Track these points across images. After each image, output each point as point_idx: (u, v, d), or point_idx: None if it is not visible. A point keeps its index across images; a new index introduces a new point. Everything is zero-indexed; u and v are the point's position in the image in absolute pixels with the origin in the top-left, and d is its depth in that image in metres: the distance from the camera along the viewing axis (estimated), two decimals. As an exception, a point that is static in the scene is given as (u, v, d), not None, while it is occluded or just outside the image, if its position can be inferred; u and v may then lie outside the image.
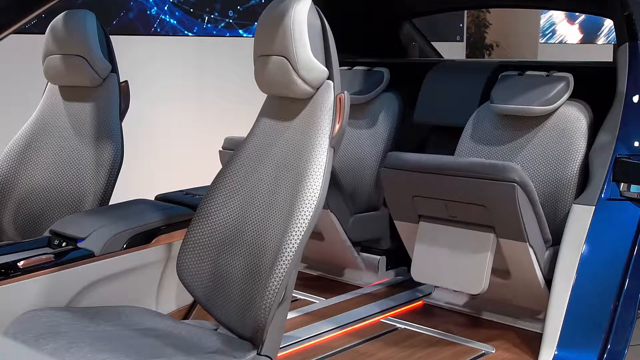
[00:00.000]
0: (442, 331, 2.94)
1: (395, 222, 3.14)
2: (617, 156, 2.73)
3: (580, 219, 2.69)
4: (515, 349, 2.79)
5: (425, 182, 2.88)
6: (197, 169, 5.18)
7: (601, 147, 2.80)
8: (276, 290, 1.81)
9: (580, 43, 10.51)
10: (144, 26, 4.97)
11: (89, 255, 2.17)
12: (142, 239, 2.29)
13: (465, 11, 7.77)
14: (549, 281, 2.73)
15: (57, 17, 2.72)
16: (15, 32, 1.57)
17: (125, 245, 2.25)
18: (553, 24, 10.14)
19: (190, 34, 5.26)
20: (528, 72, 3.22)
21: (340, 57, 2.05)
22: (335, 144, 1.93)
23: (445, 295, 3.22)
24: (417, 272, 3.01)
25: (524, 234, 2.71)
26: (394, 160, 2.98)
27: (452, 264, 2.90)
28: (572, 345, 2.58)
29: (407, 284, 3.42)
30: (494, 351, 2.77)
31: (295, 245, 1.81)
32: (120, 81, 2.79)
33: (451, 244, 2.90)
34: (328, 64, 1.98)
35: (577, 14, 9.61)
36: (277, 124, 2.09)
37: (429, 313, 3.15)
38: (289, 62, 1.94)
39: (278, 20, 1.97)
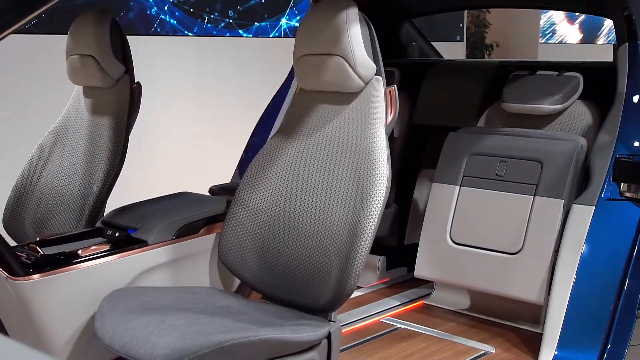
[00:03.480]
0: (442, 331, 2.94)
1: (434, 184, 3.16)
2: (617, 156, 2.73)
3: (580, 219, 2.69)
4: (515, 349, 2.79)
5: (488, 142, 3.08)
6: (196, 169, 5.18)
7: (601, 147, 2.80)
8: (360, 264, 2.05)
9: (580, 43, 10.51)
10: (144, 26, 4.97)
11: (143, 244, 2.30)
12: (190, 229, 2.42)
13: (465, 11, 7.77)
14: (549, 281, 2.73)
15: (77, 18, 2.74)
16: (15, 32, 1.57)
17: (175, 235, 2.37)
18: (553, 24, 10.14)
19: (190, 34, 5.26)
20: (539, 72, 3.27)
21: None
22: (388, 132, 2.20)
23: (445, 295, 3.22)
24: (455, 235, 3.05)
25: (564, 190, 2.82)
26: (465, 129, 3.24)
27: (491, 225, 2.97)
28: (572, 345, 2.57)
29: (407, 284, 3.42)
30: (494, 351, 2.77)
31: (374, 223, 2.07)
32: (134, 83, 2.78)
33: (490, 207, 2.99)
34: (376, 60, 2.25)
35: (577, 14, 9.61)
36: (317, 115, 2.33)
37: (429, 313, 3.15)
38: (347, 61, 2.20)
39: (330, 23, 2.20)
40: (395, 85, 2.25)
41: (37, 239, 2.36)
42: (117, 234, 2.36)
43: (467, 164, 3.09)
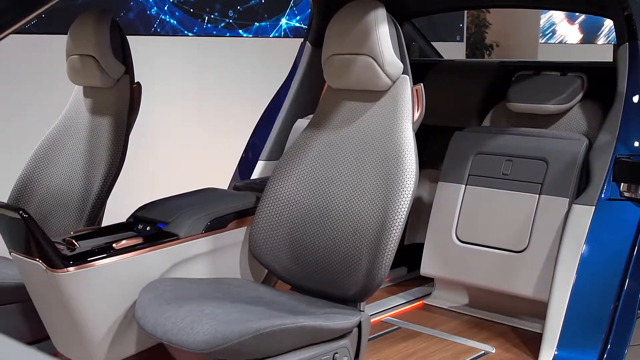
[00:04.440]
0: (442, 331, 2.95)
1: (440, 183, 3.18)
2: (617, 156, 2.73)
3: (580, 219, 2.69)
4: (515, 349, 2.79)
5: (494, 141, 3.10)
6: (196, 169, 5.18)
7: (601, 147, 2.81)
8: (390, 256, 2.13)
9: (580, 43, 10.51)
10: (144, 26, 4.97)
11: (174, 238, 2.37)
12: (218, 223, 2.48)
13: (465, 11, 7.76)
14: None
15: (77, 18, 2.74)
16: (15, 32, 1.57)
17: (204, 229, 2.44)
18: (553, 24, 10.14)
19: (190, 34, 5.26)
20: (544, 72, 3.29)
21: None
22: (415, 129, 2.29)
23: (445, 295, 3.22)
24: (461, 233, 3.08)
25: (570, 189, 2.83)
26: (470, 128, 3.26)
27: (496, 224, 3.00)
28: (572, 345, 2.58)
29: (407, 284, 3.42)
30: (494, 351, 2.78)
31: (402, 217, 2.14)
32: (134, 83, 2.77)
33: (496, 206, 3.02)
34: (403, 59, 2.33)
35: (577, 14, 9.61)
36: (346, 112, 2.42)
37: (429, 313, 3.15)
38: (375, 60, 2.28)
39: (359, 23, 2.29)
40: (422, 84, 2.32)
41: (72, 232, 2.41)
42: (148, 228, 2.43)
43: (473, 162, 3.11)
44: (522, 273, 2.90)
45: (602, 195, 2.70)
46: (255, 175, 3.57)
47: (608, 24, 10.20)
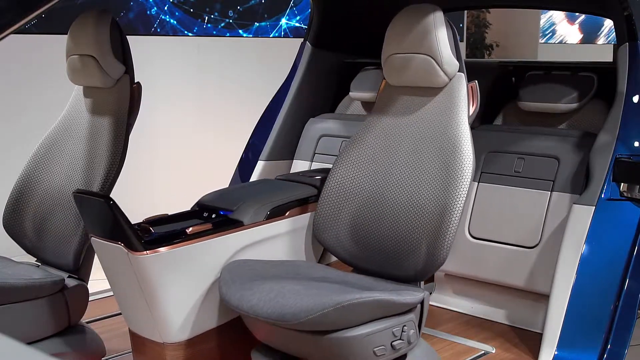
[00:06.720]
0: (442, 331, 2.95)
1: None
2: (617, 156, 2.73)
3: (580, 219, 2.69)
4: (515, 349, 2.79)
5: (506, 139, 3.15)
6: (196, 169, 5.18)
7: (601, 147, 2.81)
8: (451, 239, 2.29)
9: (580, 43, 10.52)
10: (144, 26, 4.97)
11: (239, 224, 2.54)
12: (279, 211, 2.67)
13: (465, 11, 7.77)
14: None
15: (77, 18, 2.74)
16: (15, 32, 1.57)
17: (266, 217, 2.62)
18: (553, 24, 10.15)
19: (190, 34, 5.27)
20: (554, 72, 3.33)
21: (344, 57, 2.11)
22: (470, 122, 2.46)
23: (445, 296, 3.22)
24: (474, 230, 3.11)
25: (581, 187, 2.86)
26: (482, 127, 3.32)
27: (509, 220, 3.03)
28: (572, 345, 2.58)
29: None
30: (494, 351, 2.78)
31: (462, 202, 2.31)
32: (134, 83, 2.77)
33: (508, 203, 3.05)
34: (458, 58, 2.52)
35: (577, 14, 9.62)
36: (404, 106, 2.59)
37: (429, 313, 3.15)
38: (434, 59, 2.47)
39: (418, 25, 2.48)
40: (476, 81, 2.48)
41: (143, 220, 2.52)
42: (213, 216, 2.60)
43: (485, 160, 3.14)
44: (534, 268, 2.92)
45: (602, 195, 2.70)
46: (255, 175, 3.56)
47: (608, 24, 10.21)
